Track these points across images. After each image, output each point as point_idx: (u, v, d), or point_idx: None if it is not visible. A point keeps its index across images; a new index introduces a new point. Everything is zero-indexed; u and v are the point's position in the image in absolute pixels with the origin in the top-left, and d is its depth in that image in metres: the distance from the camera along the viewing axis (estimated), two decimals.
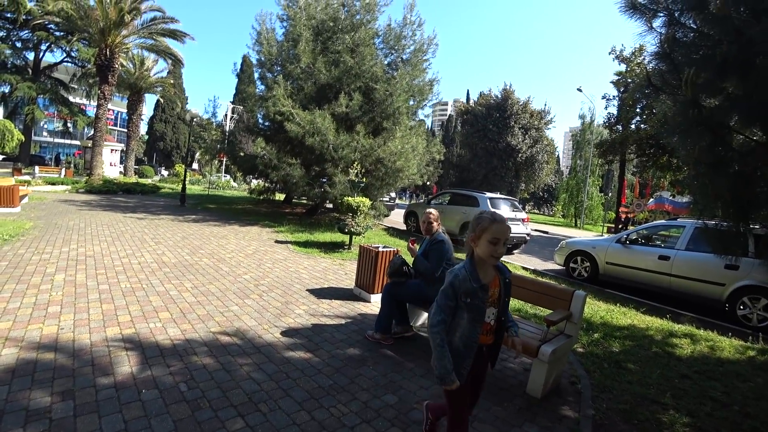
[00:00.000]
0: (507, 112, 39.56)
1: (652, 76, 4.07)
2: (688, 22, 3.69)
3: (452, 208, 12.71)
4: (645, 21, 4.00)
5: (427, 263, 4.01)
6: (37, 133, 43.54)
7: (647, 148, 23.09)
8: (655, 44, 4.03)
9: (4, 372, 2.94)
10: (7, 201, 10.53)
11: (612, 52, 26.02)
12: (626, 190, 32.08)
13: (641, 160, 25.76)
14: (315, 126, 11.43)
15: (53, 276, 5.25)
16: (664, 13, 3.77)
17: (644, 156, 24.28)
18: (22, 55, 28.91)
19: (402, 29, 14.03)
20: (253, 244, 8.83)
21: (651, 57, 4.10)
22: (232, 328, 4.10)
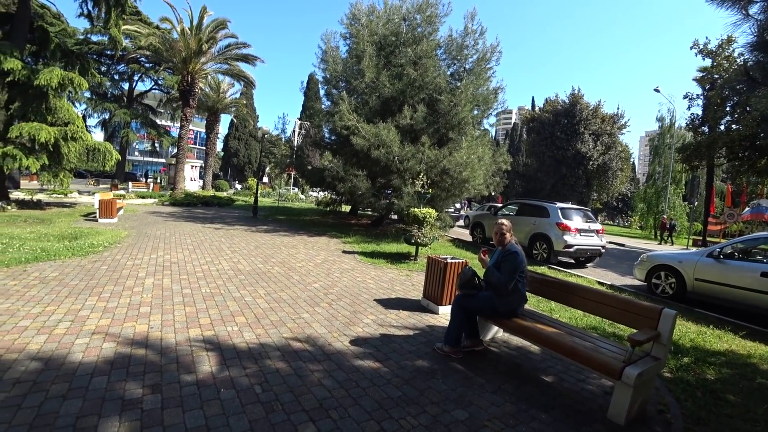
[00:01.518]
0: (576, 118, 37.71)
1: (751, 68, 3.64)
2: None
3: (521, 218, 12.20)
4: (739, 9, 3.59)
5: (499, 275, 3.83)
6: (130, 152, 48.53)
7: (741, 151, 20.21)
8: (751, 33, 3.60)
9: (105, 363, 3.24)
10: (107, 213, 11.80)
11: (694, 47, 23.69)
12: (715, 198, 28.85)
13: (733, 164, 22.80)
14: (380, 138, 11.60)
15: (144, 280, 5.74)
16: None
17: (737, 160, 21.27)
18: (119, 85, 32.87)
19: (464, 39, 13.93)
20: (322, 253, 9.06)
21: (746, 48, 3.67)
22: (303, 334, 4.19)
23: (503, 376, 3.66)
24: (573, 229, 10.81)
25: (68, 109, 13.28)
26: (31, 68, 12.38)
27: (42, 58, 15.33)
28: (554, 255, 10.84)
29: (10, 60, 11.52)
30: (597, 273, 10.70)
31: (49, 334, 3.71)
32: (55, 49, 14.95)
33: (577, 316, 5.59)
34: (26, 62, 12.95)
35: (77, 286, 5.22)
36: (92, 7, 15.14)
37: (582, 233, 10.98)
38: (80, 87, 12.93)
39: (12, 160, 11.78)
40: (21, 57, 12.46)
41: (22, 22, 13.45)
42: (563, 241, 10.61)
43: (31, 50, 15.00)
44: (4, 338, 3.55)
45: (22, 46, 13.38)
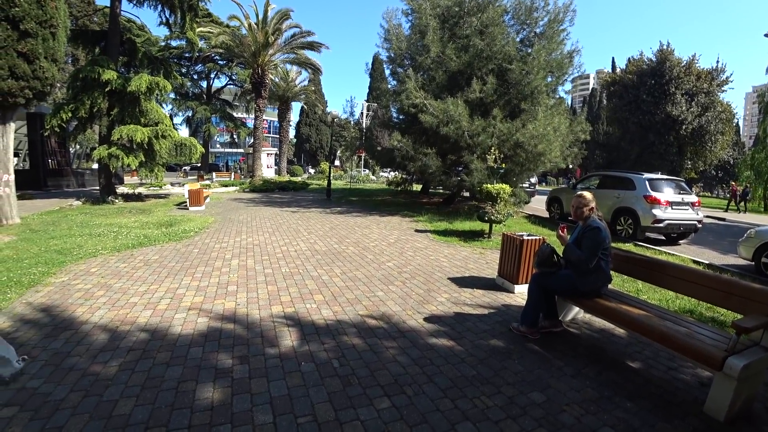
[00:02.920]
0: (665, 78, 33.17)
1: None
2: None
3: (603, 192, 11.21)
4: None
5: (579, 252, 3.55)
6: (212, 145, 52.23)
7: None
8: None
9: (200, 336, 3.56)
10: (196, 201, 12.88)
11: None
12: None
13: None
14: (448, 114, 11.29)
15: (230, 261, 6.19)
16: None
17: None
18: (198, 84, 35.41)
19: (533, 1, 12.98)
20: (394, 233, 9.13)
21: None
22: (378, 312, 4.26)
23: (584, 359, 3.42)
24: (663, 201, 9.73)
25: (157, 110, 14.57)
26: (124, 77, 13.71)
27: (132, 66, 16.89)
28: (641, 231, 9.86)
29: (108, 72, 12.84)
30: (692, 251, 9.60)
31: (153, 309, 4.15)
32: (142, 58, 16.39)
33: (668, 298, 5.06)
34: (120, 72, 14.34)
35: (174, 267, 5.76)
36: (169, 15, 16.28)
37: (674, 206, 9.86)
38: (165, 89, 14.10)
39: (116, 159, 13.26)
40: (116, 68, 13.82)
41: (114, 37, 14.89)
42: (652, 216, 9.61)
43: (123, 61, 16.58)
44: (119, 312, 4.04)
45: (116, 58, 14.82)
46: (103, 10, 23.92)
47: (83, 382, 2.80)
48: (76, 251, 6.46)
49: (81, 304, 4.24)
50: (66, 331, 3.59)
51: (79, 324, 3.75)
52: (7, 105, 8.75)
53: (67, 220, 9.93)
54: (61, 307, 4.15)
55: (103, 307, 4.17)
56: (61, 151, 21.52)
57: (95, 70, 12.77)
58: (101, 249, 6.68)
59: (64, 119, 12.83)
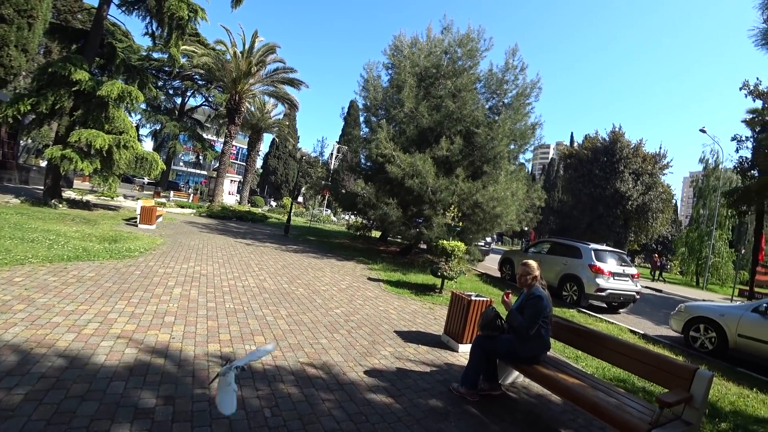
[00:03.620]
0: (616, 156, 36.85)
1: None
2: None
3: (552, 258, 11.83)
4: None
5: (521, 319, 3.70)
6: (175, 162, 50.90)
7: None
8: None
9: (125, 369, 3.32)
10: (147, 219, 12.33)
11: (744, 87, 22.76)
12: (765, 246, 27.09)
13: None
14: (415, 168, 11.68)
15: (172, 289, 5.90)
16: None
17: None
18: (173, 99, 35.02)
19: (504, 74, 14.06)
20: (347, 279, 9.06)
21: None
22: (319, 360, 4.15)
23: (520, 425, 3.47)
24: (606, 272, 10.38)
25: (124, 119, 14.18)
26: (97, 80, 13.39)
27: (108, 71, 16.56)
28: (585, 298, 10.42)
29: (80, 71, 12.50)
30: (630, 320, 10.17)
31: (77, 333, 3.85)
32: (119, 64, 16.15)
33: (604, 366, 5.30)
34: (93, 74, 14.02)
35: (110, 288, 5.42)
36: (156, 28, 16.30)
37: (616, 277, 10.52)
38: (137, 99, 13.83)
39: (69, 162, 12.63)
40: (89, 69, 13.49)
41: (94, 38, 14.64)
42: (595, 284, 10.19)
43: (99, 63, 16.24)
44: (37, 332, 3.71)
45: (92, 60, 14.52)
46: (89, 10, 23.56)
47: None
48: (2, 255, 5.98)
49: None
50: None
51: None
52: None
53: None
54: None
55: (20, 324, 3.82)
56: (10, 143, 20.24)
57: (67, 67, 12.40)
58: (31, 257, 6.21)
59: (21, 111, 12.23)
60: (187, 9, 14.88)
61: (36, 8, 8.64)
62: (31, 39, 8.88)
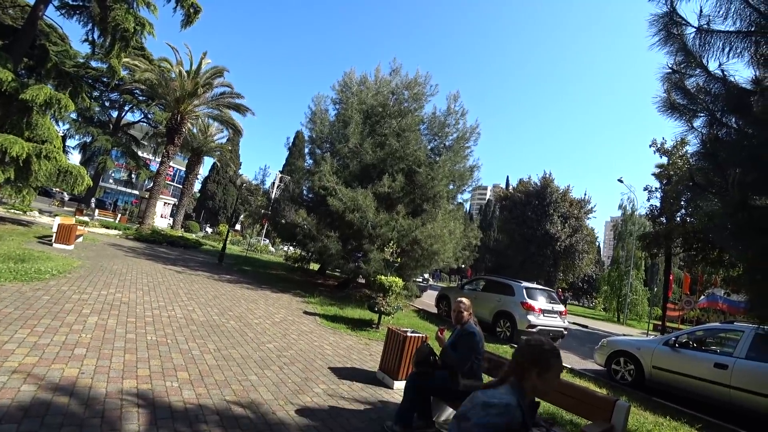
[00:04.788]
0: (546, 200, 39.76)
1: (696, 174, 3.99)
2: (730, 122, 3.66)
3: (486, 295, 12.23)
4: (685, 121, 4.00)
5: (454, 355, 3.77)
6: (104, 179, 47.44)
7: (694, 243, 21.10)
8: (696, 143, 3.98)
9: (18, 409, 2.90)
10: (64, 239, 11.23)
11: (653, 145, 25.73)
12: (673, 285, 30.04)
13: (689, 254, 23.66)
14: (356, 203, 11.77)
15: (87, 317, 5.35)
16: (704, 114, 3.78)
17: (691, 250, 22.18)
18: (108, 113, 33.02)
19: (446, 118, 14.86)
20: (282, 312, 8.73)
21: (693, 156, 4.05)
22: (247, 399, 3.90)
23: None
24: (537, 309, 10.90)
25: (49, 128, 13.11)
26: (22, 82, 12.35)
27: (36, 74, 15.36)
28: (517, 334, 10.81)
29: (2, 71, 11.49)
30: None
31: None
32: (51, 68, 15.04)
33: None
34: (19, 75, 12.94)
35: (10, 314, 4.82)
36: (98, 36, 15.54)
37: (545, 314, 11.07)
38: (66, 108, 12.89)
39: None
40: (14, 70, 12.44)
41: (24, 37, 13.63)
42: (527, 321, 10.64)
43: (28, 64, 15.05)
44: None
45: (19, 60, 13.44)
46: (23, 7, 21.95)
47: None
48: None
49: None
50: None
51: None
52: None
53: None
54: None
55: None
56: None
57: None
58: None
59: None
60: (134, 21, 14.36)
61: None
62: None
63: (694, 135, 4.01)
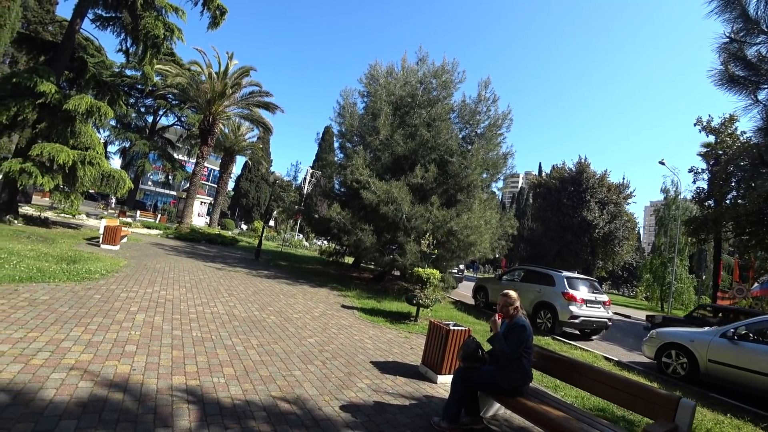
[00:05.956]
0: (582, 186, 38.23)
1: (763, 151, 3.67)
2: None
3: (525, 285, 11.84)
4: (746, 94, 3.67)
5: (505, 344, 3.65)
6: (143, 182, 49.36)
7: (748, 226, 19.61)
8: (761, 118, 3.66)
9: (77, 405, 2.99)
10: (111, 239, 11.71)
11: (698, 123, 24.32)
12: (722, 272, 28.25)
13: (741, 239, 22.22)
14: (390, 195, 11.66)
15: (135, 315, 5.52)
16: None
17: (744, 234, 20.70)
18: (144, 118, 34.28)
19: (476, 105, 14.49)
20: (320, 306, 8.77)
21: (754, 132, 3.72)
22: (292, 394, 3.90)
23: None
24: (579, 299, 10.50)
25: (91, 135, 13.66)
26: (64, 93, 12.90)
27: (77, 85, 16.04)
28: (559, 325, 10.47)
29: (46, 84, 12.04)
30: (603, 347, 10.26)
31: (25, 363, 3.50)
32: (89, 79, 15.67)
33: (583, 395, 5.25)
34: (61, 87, 13.52)
35: (65, 313, 5.02)
36: (131, 45, 16.04)
37: (588, 304, 10.65)
38: (106, 115, 13.39)
39: (28, 176, 12.00)
40: (57, 82, 13.01)
41: (64, 51, 14.23)
42: (569, 312, 10.27)
43: (68, 77, 15.73)
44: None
45: (60, 73, 14.05)
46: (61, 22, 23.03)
47: None
48: None
49: None
50: None
51: None
52: None
53: None
54: None
55: None
56: None
57: (32, 78, 11.92)
58: None
59: None
60: (163, 28, 14.73)
61: (3, 15, 8.32)
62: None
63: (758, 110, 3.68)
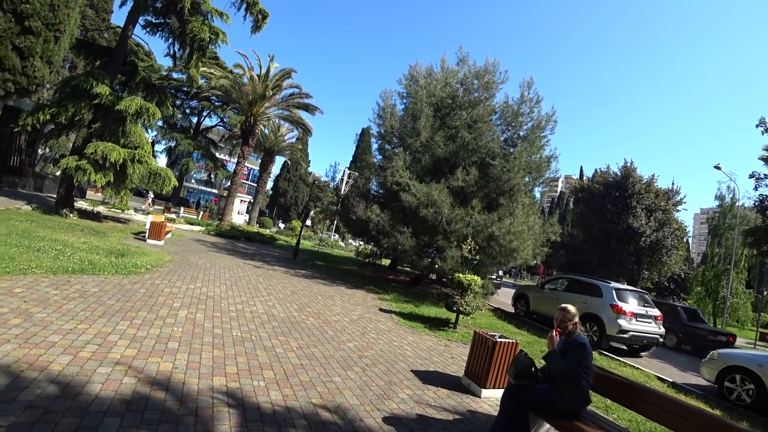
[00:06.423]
0: (628, 191, 35.95)
1: None
2: None
3: (570, 295, 11.24)
4: None
5: (562, 363, 3.35)
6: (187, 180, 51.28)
7: None
8: None
9: (121, 402, 2.97)
10: (156, 235, 12.11)
11: (761, 125, 22.47)
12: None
13: None
14: (430, 198, 11.43)
15: (178, 311, 5.57)
16: None
17: None
18: (189, 119, 35.67)
19: (519, 106, 13.97)
20: (358, 309, 8.65)
21: None
22: (333, 402, 3.75)
23: None
24: (629, 312, 9.83)
25: (140, 135, 14.22)
26: (117, 95, 13.50)
27: (128, 87, 16.80)
28: (606, 340, 9.84)
29: (101, 86, 12.61)
30: (654, 365, 9.60)
31: (74, 355, 3.54)
32: (140, 81, 16.38)
33: (638, 420, 4.86)
34: (114, 89, 14.17)
35: (113, 306, 5.12)
36: (178, 49, 16.64)
37: (639, 318, 9.96)
38: (154, 116, 13.89)
39: (83, 173, 12.61)
40: (110, 85, 13.64)
41: (117, 56, 14.94)
42: (617, 326, 9.64)
43: (121, 80, 16.50)
44: (31, 352, 3.42)
45: (114, 76, 14.74)
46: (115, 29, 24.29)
47: None
48: (5, 263, 5.72)
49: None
50: None
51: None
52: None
53: (8, 224, 9.05)
54: None
55: (13, 341, 3.53)
56: (28, 150, 20.54)
57: (89, 81, 12.51)
58: (35, 267, 5.95)
59: (40, 120, 12.34)
60: (208, 31, 15.16)
61: (63, 23, 8.79)
62: (57, 52, 9.02)
63: None
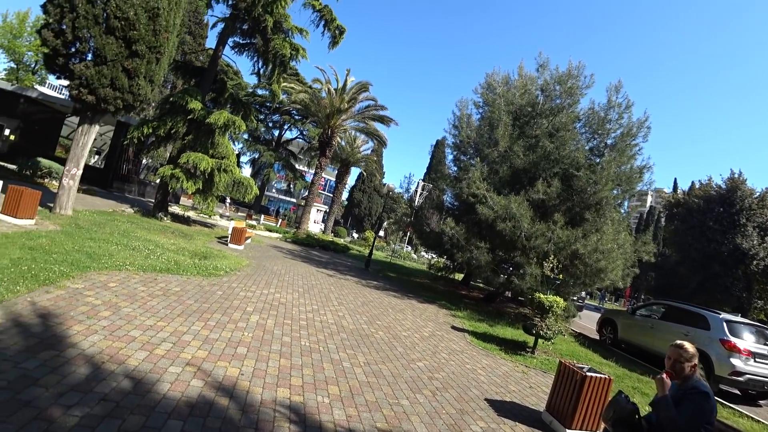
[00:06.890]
0: (735, 207, 30.84)
1: None
2: None
3: (667, 325, 9.85)
4: None
5: (675, 414, 2.66)
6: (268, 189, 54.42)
7: None
8: None
9: (186, 405, 2.95)
10: (237, 240, 12.77)
11: None
12: None
13: None
14: (509, 211, 10.75)
15: (250, 316, 5.64)
16: None
17: None
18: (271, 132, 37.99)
19: (606, 112, 12.70)
20: (430, 325, 8.29)
21: None
22: (399, 429, 3.44)
23: None
24: (744, 350, 8.19)
25: (227, 146, 15.24)
26: (207, 109, 14.63)
27: (218, 102, 18.22)
28: (714, 382, 8.18)
29: (194, 102, 13.76)
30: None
31: (150, 352, 3.65)
32: (228, 97, 17.70)
33: None
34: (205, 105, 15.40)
35: (191, 306, 5.29)
36: (261, 66, 17.78)
37: (758, 358, 8.29)
38: (240, 128, 14.84)
39: (176, 180, 13.78)
40: (203, 101, 14.84)
41: (209, 75, 16.36)
42: (729, 366, 8.06)
43: (211, 96, 17.95)
44: (114, 344, 3.58)
45: (206, 93, 16.08)
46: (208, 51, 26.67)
47: (31, 428, 2.25)
48: (105, 259, 6.23)
49: (81, 321, 3.86)
50: (49, 351, 3.16)
51: (67, 346, 3.33)
52: (98, 109, 9.66)
53: (112, 224, 10.02)
54: (59, 319, 3.78)
55: (100, 332, 3.73)
56: (135, 160, 23.23)
57: (184, 98, 13.70)
58: (128, 264, 6.41)
59: (144, 133, 13.80)
60: (289, 48, 15.98)
61: (163, 45, 9.81)
62: (157, 72, 10.05)
63: None
